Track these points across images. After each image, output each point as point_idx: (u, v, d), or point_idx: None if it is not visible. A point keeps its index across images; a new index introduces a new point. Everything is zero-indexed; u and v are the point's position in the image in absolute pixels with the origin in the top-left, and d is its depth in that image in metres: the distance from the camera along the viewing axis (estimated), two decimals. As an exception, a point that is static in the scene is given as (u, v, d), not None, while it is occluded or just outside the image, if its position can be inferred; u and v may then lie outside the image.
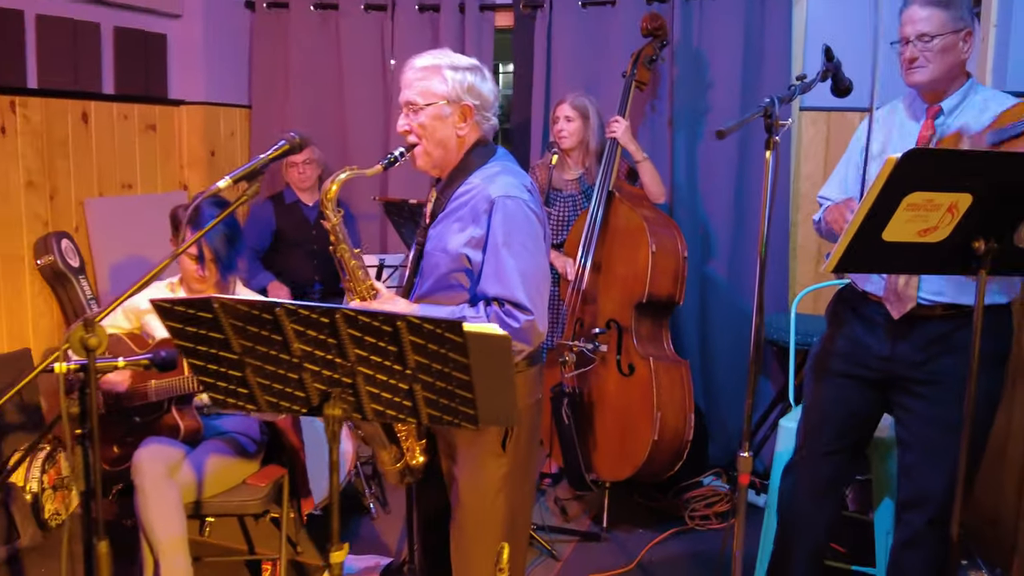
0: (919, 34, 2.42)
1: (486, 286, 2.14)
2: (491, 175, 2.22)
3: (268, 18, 4.94)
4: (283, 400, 1.82)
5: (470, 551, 2.31)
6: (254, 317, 1.64)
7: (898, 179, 1.80)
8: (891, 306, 2.51)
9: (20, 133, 3.92)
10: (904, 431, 2.62)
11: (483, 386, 1.69)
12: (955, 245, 1.93)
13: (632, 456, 3.56)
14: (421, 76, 2.19)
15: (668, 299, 3.66)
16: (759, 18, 4.11)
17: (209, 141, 4.93)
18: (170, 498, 2.74)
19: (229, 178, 1.96)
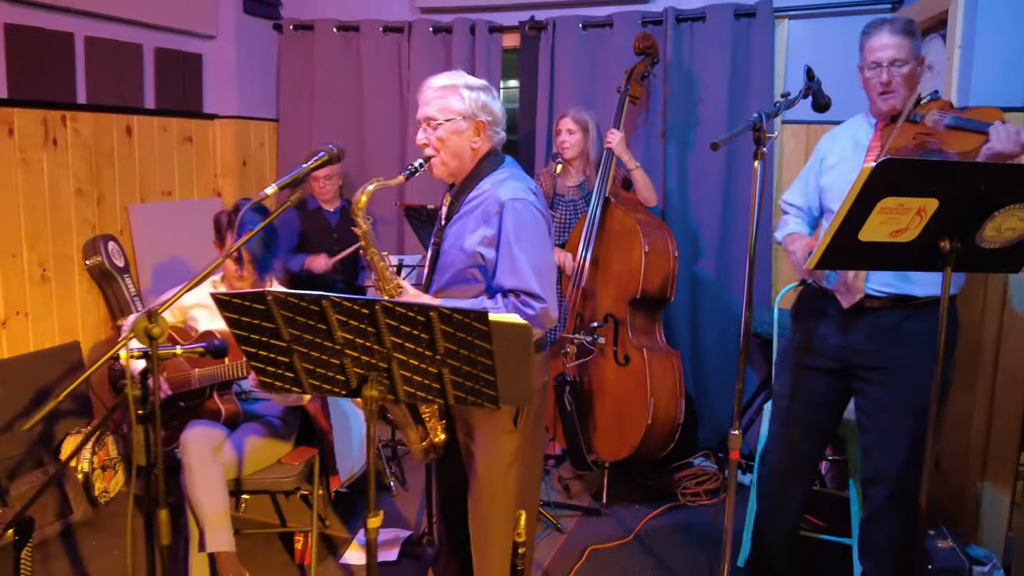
0: (891, 60, 2.47)
1: (502, 280, 2.21)
2: (499, 180, 2.29)
3: (295, 39, 4.98)
4: (325, 383, 1.88)
5: (486, 519, 2.37)
6: (303, 308, 1.71)
7: (872, 185, 1.86)
8: (842, 297, 2.58)
9: (71, 145, 3.96)
10: (862, 415, 2.68)
11: (504, 370, 1.76)
12: (923, 244, 1.98)
13: (628, 438, 3.59)
14: (440, 94, 2.26)
15: (660, 295, 3.69)
16: (744, 40, 4.13)
17: (241, 152, 4.96)
18: (214, 474, 2.80)
19: (275, 185, 2.03)
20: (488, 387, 1.79)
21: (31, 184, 3.77)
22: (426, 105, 2.28)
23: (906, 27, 2.52)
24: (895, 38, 2.48)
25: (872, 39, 2.53)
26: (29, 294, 3.81)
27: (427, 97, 2.28)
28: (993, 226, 1.96)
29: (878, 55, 2.50)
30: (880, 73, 2.49)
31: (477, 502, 2.37)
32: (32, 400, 3.74)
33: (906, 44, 2.49)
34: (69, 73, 3.95)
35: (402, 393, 1.87)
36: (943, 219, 1.94)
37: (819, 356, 2.70)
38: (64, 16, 3.89)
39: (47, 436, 3.79)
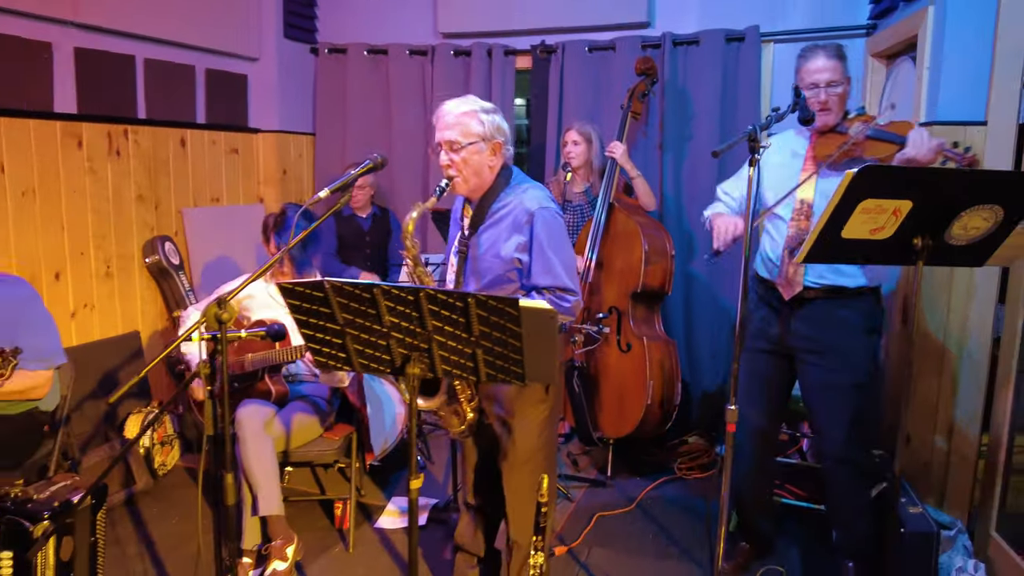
0: (828, 81, 2.55)
1: (538, 279, 2.29)
2: (521, 192, 2.35)
3: (329, 61, 5.02)
4: (373, 362, 1.94)
5: (521, 480, 2.43)
6: (356, 295, 1.77)
7: (854, 188, 1.91)
8: (783, 289, 2.66)
9: (132, 156, 4.02)
10: (807, 395, 2.77)
11: (530, 350, 1.81)
12: (898, 241, 2.04)
13: (630, 417, 3.63)
14: (460, 120, 2.29)
15: (659, 289, 3.72)
16: (734, 62, 4.16)
17: (281, 162, 5.00)
18: (266, 446, 2.86)
19: (328, 189, 2.09)
20: (516, 365, 1.85)
21: (97, 190, 3.83)
22: (448, 129, 2.30)
23: (838, 52, 2.61)
24: (830, 62, 2.57)
25: (809, 63, 2.59)
26: (95, 289, 3.86)
27: (448, 122, 2.30)
28: (960, 225, 2.01)
29: (816, 77, 2.56)
30: (818, 93, 2.56)
31: (512, 467, 2.42)
32: (98, 383, 3.80)
33: (840, 67, 2.58)
34: (131, 91, 4.01)
35: (440, 370, 1.92)
36: (916, 218, 1.99)
37: (767, 341, 2.77)
38: (127, 41, 3.95)
39: (111, 415, 3.86)
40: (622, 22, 4.36)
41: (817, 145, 2.64)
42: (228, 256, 4.53)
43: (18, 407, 2.81)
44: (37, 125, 3.52)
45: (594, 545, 3.18)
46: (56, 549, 2.43)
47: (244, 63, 4.76)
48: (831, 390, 2.67)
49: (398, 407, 3.66)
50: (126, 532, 3.26)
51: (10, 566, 2.38)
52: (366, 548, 3.16)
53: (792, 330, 2.70)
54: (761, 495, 3.02)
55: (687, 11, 4.33)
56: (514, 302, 1.70)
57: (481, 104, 2.34)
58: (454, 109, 2.32)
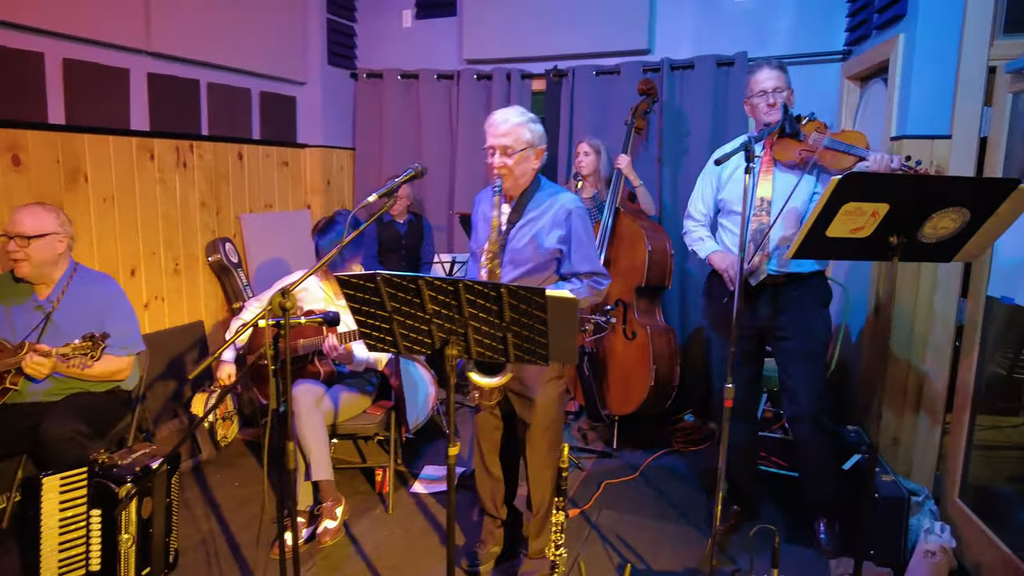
0: (774, 87, 2.65)
1: (578, 267, 2.36)
2: (555, 193, 2.40)
3: (367, 85, 5.05)
4: (415, 345, 1.96)
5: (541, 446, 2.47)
6: (403, 286, 1.79)
7: (838, 193, 1.92)
8: (749, 278, 2.70)
9: (196, 167, 4.06)
10: (779, 368, 2.83)
11: (555, 334, 1.83)
12: (876, 239, 2.04)
13: (635, 396, 3.65)
14: (514, 128, 2.32)
15: (659, 284, 3.73)
16: (724, 84, 4.16)
17: (325, 174, 5.03)
18: (317, 420, 2.89)
19: (376, 195, 2.10)
20: (542, 348, 1.86)
21: (166, 198, 3.87)
22: (503, 136, 2.32)
23: (780, 65, 2.71)
24: (774, 72, 2.68)
25: (757, 74, 2.71)
26: (165, 284, 3.91)
27: (503, 130, 2.32)
28: (931, 225, 2.02)
29: (764, 85, 2.68)
30: (767, 97, 2.66)
31: (534, 435, 2.45)
32: (168, 365, 3.85)
33: (782, 76, 2.68)
34: (195, 111, 4.05)
35: (474, 352, 1.94)
36: (892, 219, 1.99)
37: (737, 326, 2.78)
38: (192, 67, 3.99)
39: (179, 393, 3.91)
40: (626, 49, 4.37)
41: (775, 148, 2.67)
42: (279, 256, 4.57)
43: (103, 385, 2.85)
44: (115, 141, 3.56)
45: (603, 508, 3.20)
46: (138, 508, 2.47)
47: (293, 87, 4.80)
48: (798, 358, 2.74)
49: (430, 387, 3.68)
50: (194, 495, 3.30)
51: (99, 522, 2.42)
52: (403, 510, 3.19)
53: (759, 314, 2.75)
54: (747, 463, 3.03)
55: (683, 39, 4.33)
56: (541, 291, 1.72)
57: (529, 115, 2.38)
58: (509, 118, 2.34)
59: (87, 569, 2.43)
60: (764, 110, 2.66)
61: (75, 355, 2.49)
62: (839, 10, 3.96)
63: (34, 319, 2.74)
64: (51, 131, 3.25)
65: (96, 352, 2.48)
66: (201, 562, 2.76)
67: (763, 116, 2.67)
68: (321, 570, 2.72)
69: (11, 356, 2.60)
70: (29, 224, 2.66)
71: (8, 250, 2.67)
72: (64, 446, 2.52)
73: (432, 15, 4.94)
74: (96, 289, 2.84)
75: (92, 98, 3.42)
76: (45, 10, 3.13)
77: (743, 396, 2.88)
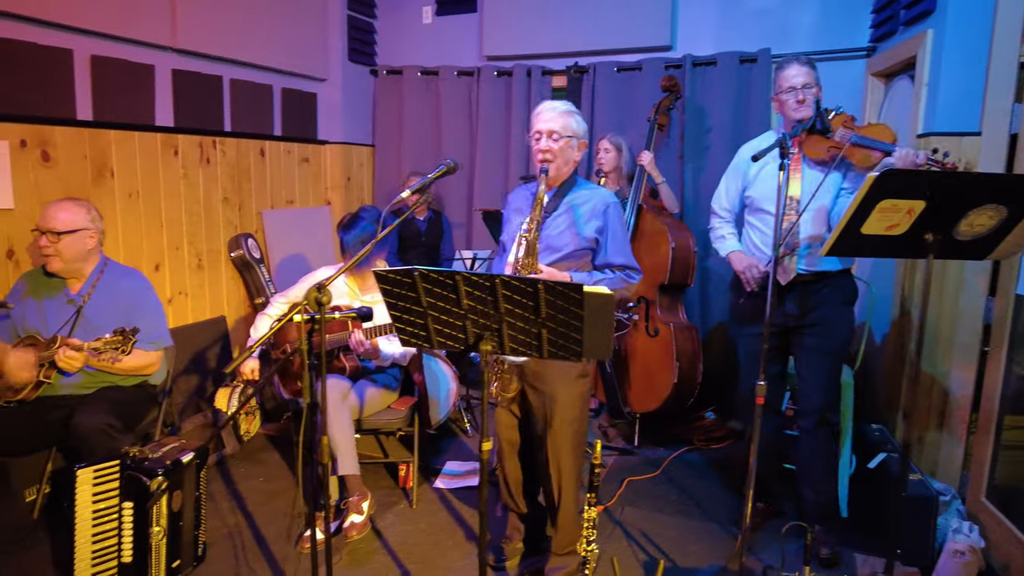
0: (803, 84, 2.63)
1: (613, 259, 2.39)
2: (592, 187, 2.46)
3: (387, 82, 5.06)
4: (448, 340, 1.95)
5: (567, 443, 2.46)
6: (440, 281, 1.80)
7: (875, 190, 1.91)
8: (780, 276, 2.69)
9: (219, 163, 4.08)
10: (798, 362, 2.82)
11: (590, 330, 1.82)
12: (911, 237, 2.03)
13: (658, 394, 3.64)
14: (561, 116, 2.36)
15: (682, 281, 3.71)
16: (746, 81, 4.14)
17: (345, 170, 5.04)
18: (344, 415, 2.90)
19: (409, 191, 2.12)
20: (575, 344, 1.86)
21: (190, 193, 3.90)
22: (551, 122, 2.35)
23: (808, 61, 2.70)
24: (803, 68, 2.67)
25: (786, 71, 2.69)
26: (188, 279, 3.93)
27: (552, 116, 2.36)
28: (967, 222, 2.00)
29: (792, 81, 2.67)
30: (796, 93, 2.65)
31: (556, 432, 2.44)
32: (191, 360, 3.88)
33: (811, 73, 2.67)
34: (218, 107, 4.07)
35: (508, 348, 1.94)
36: (927, 217, 1.98)
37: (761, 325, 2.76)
38: (216, 63, 4.01)
39: (201, 388, 3.93)
40: (647, 45, 4.36)
41: (805, 145, 2.66)
42: (300, 252, 4.59)
43: (132, 379, 2.88)
44: (141, 137, 3.59)
45: (626, 505, 3.20)
46: (168, 501, 2.49)
47: (314, 83, 4.81)
48: (818, 355, 2.74)
49: (451, 384, 3.69)
50: (219, 489, 3.32)
51: (131, 514, 2.45)
52: (427, 505, 3.20)
53: (786, 311, 2.75)
54: (772, 460, 3.02)
55: (705, 35, 4.32)
56: (578, 288, 1.72)
57: (576, 109, 2.43)
58: (557, 107, 2.40)
59: (119, 560, 2.45)
60: (793, 107, 2.65)
61: (106, 349, 2.51)
62: (864, 6, 3.94)
63: (65, 313, 2.76)
64: (79, 127, 3.28)
65: (127, 347, 2.51)
66: (228, 555, 2.78)
67: (792, 113, 2.66)
68: (348, 564, 2.73)
69: (44, 350, 2.63)
70: (61, 220, 2.68)
71: (40, 245, 2.69)
72: (96, 439, 2.54)
73: (452, 11, 4.95)
74: (125, 283, 2.87)
75: (118, 94, 3.45)
76: (74, 8, 3.16)
77: (770, 393, 2.89)
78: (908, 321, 3.27)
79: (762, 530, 2.95)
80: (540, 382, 2.47)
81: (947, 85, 3.01)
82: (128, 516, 2.45)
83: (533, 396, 2.49)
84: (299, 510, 3.06)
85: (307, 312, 1.97)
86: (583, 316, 1.78)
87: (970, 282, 3.02)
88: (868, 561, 2.77)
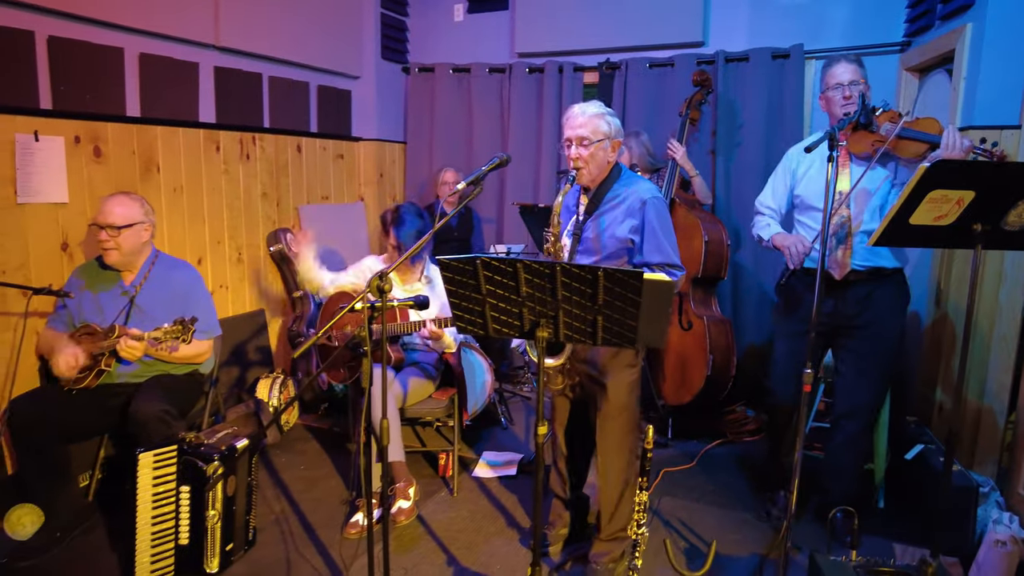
0: (850, 81, 2.65)
1: (650, 257, 2.35)
2: (632, 183, 2.42)
3: (419, 79, 5.11)
4: (504, 327, 1.99)
5: (615, 431, 2.49)
6: (501, 269, 1.84)
7: (926, 181, 1.93)
8: (834, 271, 2.69)
9: (258, 159, 4.16)
10: (843, 363, 2.81)
11: (646, 318, 1.86)
12: (958, 227, 2.04)
13: (692, 386, 3.66)
14: (590, 120, 2.35)
15: (715, 274, 3.72)
16: (779, 77, 4.15)
17: (378, 167, 5.11)
18: (390, 403, 2.95)
19: (464, 182, 2.16)
20: (630, 331, 1.89)
21: (231, 188, 3.97)
22: (581, 128, 2.34)
23: (857, 59, 2.71)
24: (851, 65, 2.68)
25: (834, 68, 2.70)
26: (229, 272, 4.01)
27: (581, 122, 2.34)
28: (1016, 212, 2.01)
29: (840, 78, 2.68)
30: (843, 90, 2.65)
31: (605, 421, 2.48)
32: (231, 352, 3.96)
33: (859, 70, 2.68)
34: (258, 104, 4.15)
35: (563, 335, 1.97)
36: (977, 207, 1.99)
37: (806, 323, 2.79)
38: (256, 61, 4.09)
39: (242, 379, 4.01)
40: (679, 41, 4.38)
41: (850, 142, 2.67)
42: (335, 246, 4.63)
43: (184, 368, 2.95)
44: (185, 133, 3.67)
45: (663, 495, 3.23)
46: (223, 486, 2.56)
47: (348, 80, 4.87)
48: (869, 358, 2.74)
49: (487, 375, 3.73)
50: (263, 478, 3.39)
51: (188, 498, 2.52)
52: (467, 493, 3.25)
53: (838, 309, 2.74)
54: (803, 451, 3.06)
55: (738, 31, 4.33)
56: (638, 275, 1.75)
57: (606, 108, 2.39)
58: (586, 111, 2.36)
59: (176, 543, 2.52)
60: (840, 103, 2.65)
61: (166, 338, 2.58)
62: (898, 1, 3.94)
63: (120, 303, 2.85)
64: (128, 123, 3.36)
65: (187, 336, 2.58)
66: (277, 541, 2.84)
67: (839, 110, 2.66)
68: (395, 549, 2.79)
69: (102, 339, 2.71)
70: (119, 214, 2.77)
71: (100, 239, 2.77)
72: (153, 425, 2.62)
73: (484, 9, 4.99)
74: (176, 274, 2.95)
75: (164, 91, 3.53)
76: (125, 7, 3.24)
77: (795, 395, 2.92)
78: (944, 314, 3.28)
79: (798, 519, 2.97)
80: (592, 369, 2.50)
81: (986, 79, 3.01)
82: (185, 500, 2.52)
83: (586, 384, 2.53)
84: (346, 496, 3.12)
85: (368, 300, 2.02)
86: (640, 303, 1.82)
87: (1010, 275, 3.02)
88: (908, 551, 2.79)
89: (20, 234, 2.92)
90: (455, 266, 1.86)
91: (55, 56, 3.00)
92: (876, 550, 2.79)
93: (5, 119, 2.83)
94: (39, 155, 2.95)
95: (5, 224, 2.86)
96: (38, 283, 2.91)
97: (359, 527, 2.85)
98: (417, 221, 3.15)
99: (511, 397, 4.39)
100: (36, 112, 2.95)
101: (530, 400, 4.49)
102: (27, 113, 2.91)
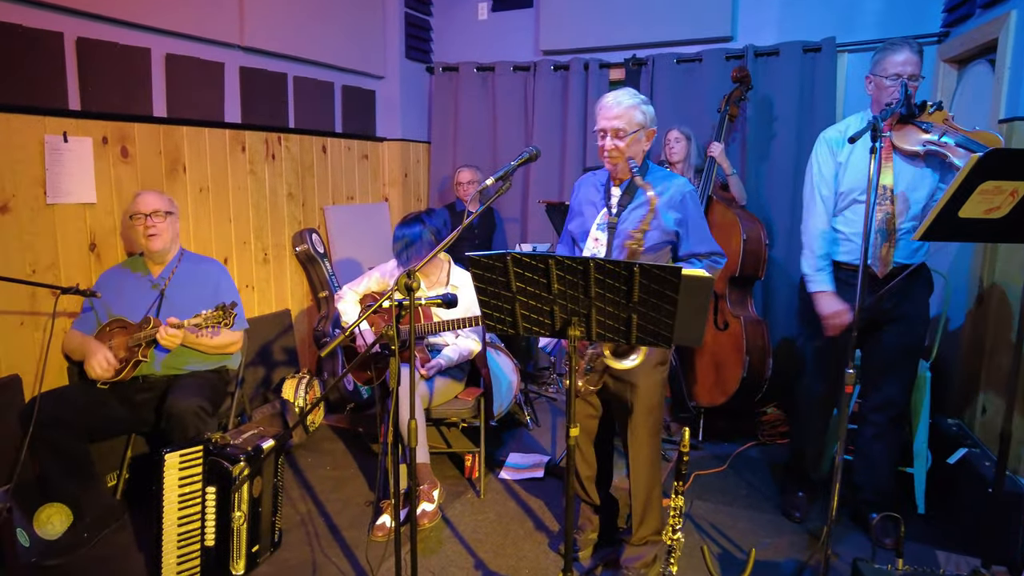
0: (911, 74, 2.52)
1: (696, 247, 2.33)
2: (667, 176, 2.37)
3: (443, 79, 5.08)
4: (535, 326, 1.93)
5: (643, 432, 2.43)
6: (532, 266, 1.78)
7: (977, 171, 1.84)
8: (877, 268, 2.61)
9: (284, 159, 4.14)
10: (876, 357, 2.74)
11: (683, 316, 1.78)
12: (1011, 220, 1.95)
13: (727, 388, 3.57)
14: (626, 111, 2.27)
15: (753, 274, 3.63)
16: (810, 71, 4.05)
17: (403, 167, 5.08)
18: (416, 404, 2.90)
19: (493, 178, 2.11)
20: (666, 329, 1.82)
21: (256, 188, 3.96)
22: (615, 119, 2.27)
23: (920, 49, 2.58)
24: (914, 56, 2.53)
25: (895, 56, 2.54)
26: (255, 272, 4.00)
27: (615, 112, 2.28)
28: (1074, 205, 1.92)
29: (901, 68, 2.53)
30: (900, 83, 2.48)
31: (636, 421, 2.41)
32: (257, 352, 3.94)
33: (920, 62, 2.55)
34: (283, 105, 4.13)
35: (594, 334, 1.91)
36: (1032, 199, 1.90)
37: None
38: (281, 61, 4.07)
39: (268, 380, 4.00)
40: (707, 36, 4.29)
41: (895, 134, 2.56)
42: (360, 247, 4.63)
43: (213, 361, 2.96)
44: (211, 133, 3.65)
45: (695, 499, 3.15)
46: (249, 486, 2.53)
47: (373, 80, 4.85)
48: (901, 352, 2.70)
49: (511, 376, 3.68)
50: (288, 478, 3.36)
51: (214, 499, 2.49)
52: (494, 495, 3.20)
53: (878, 304, 2.67)
54: (821, 451, 3.04)
55: (767, 24, 4.24)
56: (676, 271, 1.68)
57: (640, 96, 2.32)
58: (622, 101, 2.29)
59: (202, 544, 2.49)
60: (892, 92, 2.51)
61: (207, 324, 2.62)
62: (935, -9, 3.82)
63: (150, 297, 2.90)
64: (155, 123, 3.35)
65: (229, 319, 2.61)
66: (303, 542, 2.81)
67: (888, 98, 2.53)
68: (422, 552, 2.74)
69: (139, 330, 2.74)
70: (164, 201, 2.92)
71: (146, 226, 2.86)
72: (188, 420, 2.63)
73: (508, 7, 4.94)
74: (204, 267, 3.03)
75: (190, 92, 3.52)
76: (152, 8, 3.23)
77: (829, 392, 2.87)
78: (986, 312, 3.15)
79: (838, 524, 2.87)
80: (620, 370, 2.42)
81: (1033, 67, 2.89)
82: (211, 500, 2.49)
83: (614, 384, 2.46)
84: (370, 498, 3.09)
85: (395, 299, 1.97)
86: (677, 300, 1.74)
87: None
88: (951, 558, 2.67)
89: (50, 234, 2.92)
90: (484, 263, 1.80)
91: (83, 57, 2.99)
92: (919, 557, 2.68)
93: (35, 120, 2.83)
94: (68, 156, 2.95)
95: (36, 225, 2.86)
96: (67, 283, 2.91)
97: (386, 529, 2.80)
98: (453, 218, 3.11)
99: (536, 398, 4.33)
100: (65, 113, 2.95)
101: (556, 401, 4.42)
102: (57, 114, 2.91)
